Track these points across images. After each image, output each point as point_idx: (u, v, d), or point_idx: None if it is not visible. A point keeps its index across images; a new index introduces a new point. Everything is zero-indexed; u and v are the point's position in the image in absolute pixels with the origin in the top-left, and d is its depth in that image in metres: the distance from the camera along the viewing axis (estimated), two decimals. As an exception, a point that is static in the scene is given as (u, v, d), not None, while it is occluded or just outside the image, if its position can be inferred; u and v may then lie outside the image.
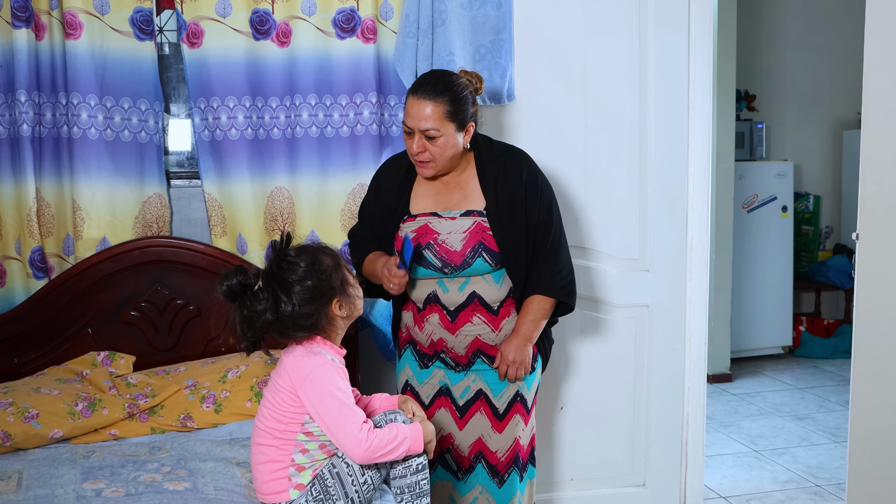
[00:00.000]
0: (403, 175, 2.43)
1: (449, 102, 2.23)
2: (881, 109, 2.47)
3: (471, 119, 2.31)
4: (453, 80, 2.27)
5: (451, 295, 2.35)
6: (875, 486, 2.52)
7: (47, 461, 2.26)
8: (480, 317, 2.36)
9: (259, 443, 1.95)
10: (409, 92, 2.28)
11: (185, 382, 2.60)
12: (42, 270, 2.78)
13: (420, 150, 2.26)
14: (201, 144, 2.86)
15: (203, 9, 2.80)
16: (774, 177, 5.70)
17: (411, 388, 2.48)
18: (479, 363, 2.41)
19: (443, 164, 2.31)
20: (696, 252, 3.19)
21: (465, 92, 2.28)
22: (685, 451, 3.27)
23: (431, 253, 2.33)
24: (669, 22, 3.08)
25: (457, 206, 2.38)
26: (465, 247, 2.31)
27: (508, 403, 2.42)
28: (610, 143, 3.09)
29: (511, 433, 2.43)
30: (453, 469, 2.46)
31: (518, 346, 2.35)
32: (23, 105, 2.68)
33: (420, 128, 2.24)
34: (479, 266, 2.32)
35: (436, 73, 2.32)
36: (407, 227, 2.38)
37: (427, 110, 2.22)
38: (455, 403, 2.44)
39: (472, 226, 2.34)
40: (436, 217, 2.36)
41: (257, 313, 1.88)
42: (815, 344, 5.88)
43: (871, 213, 2.50)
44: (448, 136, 2.26)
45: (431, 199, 2.40)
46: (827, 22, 6.18)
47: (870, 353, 2.52)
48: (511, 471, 2.44)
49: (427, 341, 2.41)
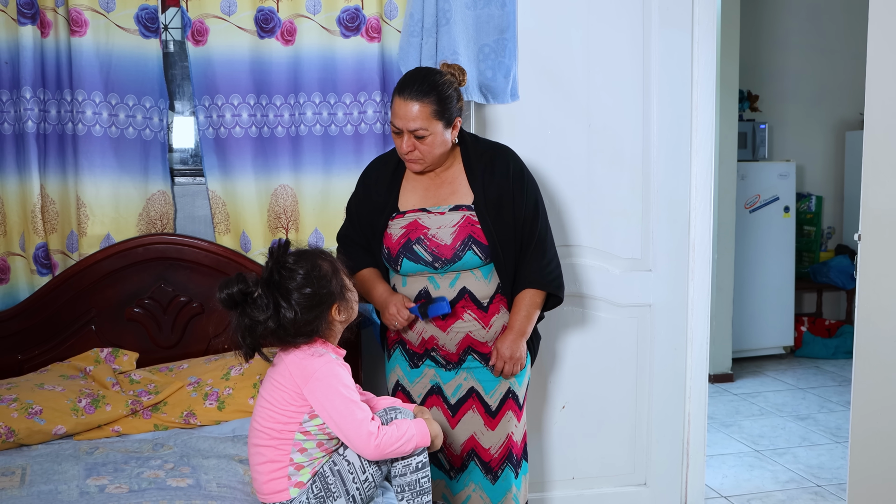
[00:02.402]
0: (391, 173, 2.46)
1: (435, 102, 2.27)
2: (884, 111, 2.47)
3: (457, 115, 2.35)
4: (438, 80, 2.30)
5: (441, 291, 2.37)
6: (876, 487, 2.53)
7: (51, 457, 2.26)
8: (471, 313, 2.38)
9: (257, 444, 1.95)
10: (394, 92, 2.30)
11: (189, 379, 2.60)
12: (46, 267, 2.79)
13: (410, 148, 2.30)
14: (205, 142, 2.86)
15: (208, 7, 2.81)
16: (777, 177, 5.70)
17: (402, 388, 2.49)
18: (469, 360, 2.43)
19: (432, 161, 2.35)
20: (699, 252, 3.20)
21: (450, 90, 2.31)
22: (686, 450, 3.27)
23: (422, 248, 2.35)
24: (673, 22, 3.08)
25: (445, 201, 2.40)
26: (455, 240, 2.34)
27: (501, 400, 2.44)
28: (613, 143, 3.09)
29: (504, 430, 2.45)
30: (445, 468, 2.48)
31: (513, 342, 2.38)
32: (28, 102, 2.69)
33: (408, 128, 2.27)
34: (469, 259, 2.35)
35: (420, 71, 2.34)
36: (396, 224, 2.39)
37: (414, 111, 2.25)
38: (447, 402, 2.45)
39: (462, 220, 2.36)
40: (425, 213, 2.39)
41: (259, 322, 1.88)
42: (816, 344, 5.88)
43: (874, 214, 2.51)
44: (436, 134, 2.30)
45: (420, 194, 2.43)
46: (830, 23, 6.18)
47: (871, 353, 2.53)
48: (504, 467, 2.46)
49: (418, 340, 2.43)
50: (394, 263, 2.40)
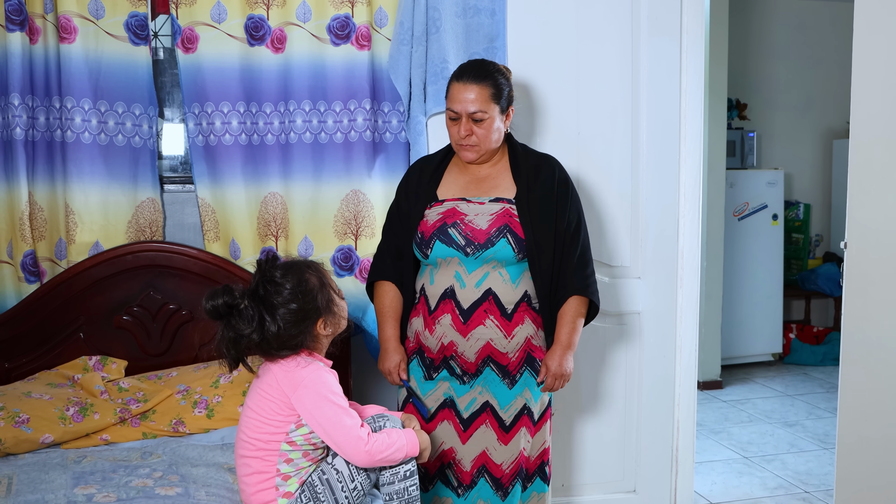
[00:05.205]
0: (435, 167, 2.49)
1: (492, 86, 2.34)
2: (869, 119, 2.49)
3: (510, 103, 2.41)
4: (493, 67, 2.39)
5: (467, 290, 2.34)
6: (862, 493, 2.54)
7: (38, 466, 2.25)
8: (493, 319, 2.34)
9: (243, 454, 1.94)
10: (452, 79, 2.37)
11: (177, 387, 2.59)
12: (34, 274, 2.77)
13: (467, 133, 2.35)
14: (195, 149, 2.86)
15: (198, 14, 2.81)
16: (765, 185, 5.73)
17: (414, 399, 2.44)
18: (487, 372, 2.38)
19: (486, 147, 2.38)
20: (687, 260, 3.21)
21: (503, 78, 2.39)
22: (675, 457, 3.28)
23: (456, 231, 2.34)
24: (662, 30, 3.10)
25: (486, 193, 2.42)
26: (491, 226, 2.34)
27: (515, 416, 2.39)
28: (602, 151, 3.10)
29: (516, 446, 2.40)
30: (454, 485, 2.42)
31: (562, 356, 2.37)
32: (16, 108, 2.68)
33: (467, 111, 2.32)
34: (502, 249, 2.33)
35: (476, 61, 2.43)
36: (434, 210, 2.39)
37: (473, 94, 2.32)
38: (459, 416, 2.40)
39: (500, 210, 2.38)
40: (464, 201, 2.41)
41: (243, 335, 1.88)
42: (804, 351, 5.91)
43: (859, 222, 2.52)
44: (493, 119, 2.35)
45: (461, 186, 2.45)
46: (817, 32, 6.24)
47: (858, 360, 2.54)
48: (515, 482, 2.41)
49: (437, 346, 2.38)
50: (425, 248, 2.36)
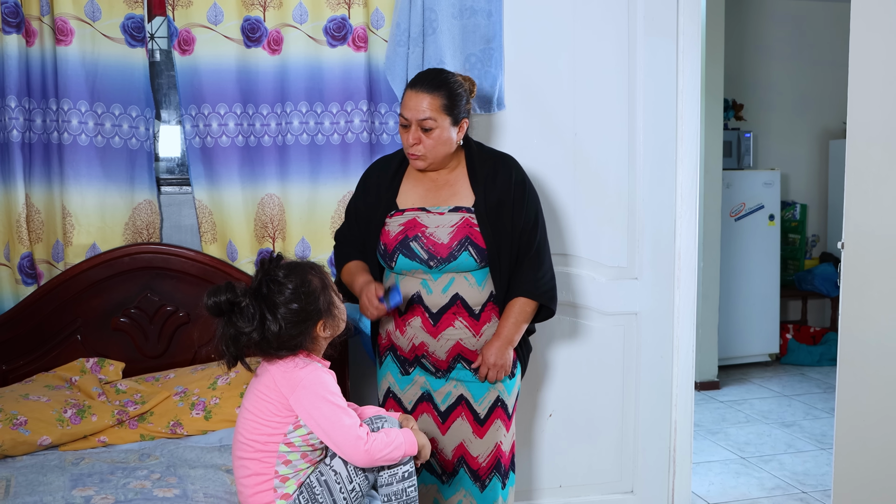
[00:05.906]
0: (394, 172, 2.48)
1: (445, 97, 2.33)
2: (866, 120, 2.50)
3: (464, 115, 2.39)
4: (450, 77, 2.38)
5: (434, 296, 2.38)
6: (860, 493, 2.55)
7: (36, 468, 2.25)
8: (462, 320, 2.39)
9: (241, 456, 1.94)
10: (407, 87, 2.37)
11: (175, 389, 2.59)
12: (31, 277, 2.77)
13: (415, 141, 2.34)
14: (192, 151, 2.86)
15: (195, 16, 2.81)
16: (761, 185, 5.74)
17: (393, 395, 2.50)
18: (458, 368, 2.43)
19: (434, 157, 2.37)
20: (684, 260, 3.22)
21: (460, 89, 2.38)
22: (673, 458, 3.28)
23: (418, 245, 2.36)
24: (658, 30, 3.11)
25: (445, 202, 2.42)
26: (452, 240, 2.35)
27: (489, 409, 2.45)
28: (599, 151, 3.11)
29: (492, 438, 2.46)
30: (438, 472, 2.49)
31: (499, 349, 2.38)
32: (13, 111, 2.68)
33: (417, 118, 2.31)
34: (465, 261, 2.36)
35: (433, 70, 2.42)
36: (395, 221, 2.41)
37: (424, 102, 2.31)
38: (437, 409, 2.47)
39: (460, 221, 2.38)
40: (424, 212, 2.41)
41: (243, 332, 1.88)
42: (801, 351, 5.92)
43: (856, 222, 2.53)
44: (443, 129, 2.33)
45: (420, 194, 2.45)
46: (814, 32, 6.25)
47: (855, 361, 2.55)
48: (492, 476, 2.46)
49: (408, 345, 2.43)
50: (389, 260, 2.40)
